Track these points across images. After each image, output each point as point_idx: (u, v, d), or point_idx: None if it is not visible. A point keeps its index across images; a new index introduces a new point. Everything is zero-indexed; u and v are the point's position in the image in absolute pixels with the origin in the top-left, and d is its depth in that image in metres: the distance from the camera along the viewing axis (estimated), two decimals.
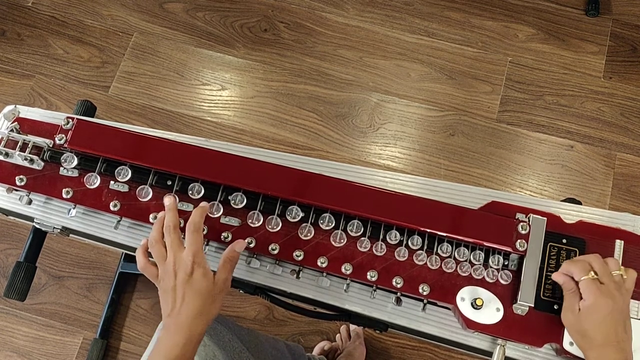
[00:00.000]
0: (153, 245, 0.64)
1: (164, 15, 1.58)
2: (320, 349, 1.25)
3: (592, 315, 0.61)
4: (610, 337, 0.60)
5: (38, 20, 1.58)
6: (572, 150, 1.43)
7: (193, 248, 0.62)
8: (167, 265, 0.62)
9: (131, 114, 1.48)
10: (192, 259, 0.61)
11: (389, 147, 1.44)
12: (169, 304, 0.62)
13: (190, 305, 0.61)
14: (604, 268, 0.63)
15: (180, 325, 0.60)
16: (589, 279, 0.62)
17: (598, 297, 0.61)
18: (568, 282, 0.65)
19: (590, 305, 0.61)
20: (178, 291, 0.61)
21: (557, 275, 0.66)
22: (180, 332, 0.60)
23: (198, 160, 0.72)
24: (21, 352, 1.31)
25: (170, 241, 0.63)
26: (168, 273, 0.62)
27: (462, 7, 1.57)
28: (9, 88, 1.52)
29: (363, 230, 0.69)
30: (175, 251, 0.62)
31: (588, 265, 0.63)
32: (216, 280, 0.63)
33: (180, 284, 0.61)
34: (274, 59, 1.53)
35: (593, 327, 0.61)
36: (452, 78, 1.50)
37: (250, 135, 1.46)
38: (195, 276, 0.61)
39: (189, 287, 0.61)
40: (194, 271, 0.61)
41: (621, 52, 1.52)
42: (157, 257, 0.63)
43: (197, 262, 0.61)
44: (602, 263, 0.64)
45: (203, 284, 0.61)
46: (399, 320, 0.71)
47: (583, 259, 0.65)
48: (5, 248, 1.38)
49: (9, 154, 0.73)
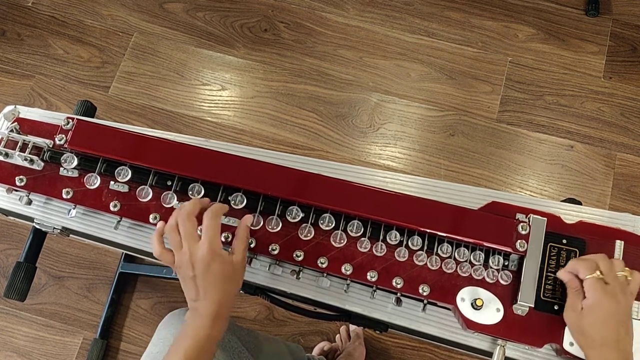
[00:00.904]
0: (169, 232, 0.64)
1: (164, 15, 1.58)
2: (320, 350, 1.25)
3: (595, 314, 0.61)
4: (611, 337, 0.60)
5: (38, 20, 1.58)
6: (572, 150, 1.43)
7: (208, 237, 0.61)
8: (183, 255, 0.62)
9: (131, 114, 1.48)
10: (207, 248, 0.61)
11: (389, 147, 1.44)
12: (192, 291, 0.62)
13: (213, 291, 0.61)
14: (610, 268, 0.63)
15: (207, 308, 0.61)
16: (594, 278, 0.62)
17: (602, 296, 0.61)
18: (572, 280, 0.65)
19: (594, 305, 0.61)
20: (199, 281, 0.62)
21: (563, 273, 0.66)
22: (208, 315, 0.61)
23: (198, 160, 0.72)
24: (21, 352, 1.31)
25: (184, 230, 0.62)
26: (185, 263, 0.62)
27: (462, 7, 1.57)
28: (9, 88, 1.52)
29: (363, 231, 0.69)
30: (190, 242, 0.62)
31: (595, 265, 0.63)
32: (234, 263, 0.63)
33: (200, 274, 0.61)
34: (274, 59, 1.53)
35: (595, 326, 0.61)
36: (452, 78, 1.50)
37: (250, 135, 1.46)
38: (213, 266, 0.61)
39: (209, 276, 0.61)
40: (212, 261, 0.61)
41: (621, 52, 1.52)
42: (174, 244, 0.63)
43: (213, 251, 0.61)
44: (609, 263, 0.63)
45: (223, 271, 0.62)
46: (399, 320, 0.71)
47: (590, 258, 0.65)
48: (5, 248, 1.38)
49: (9, 154, 0.73)
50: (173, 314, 0.78)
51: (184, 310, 0.78)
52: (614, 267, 0.64)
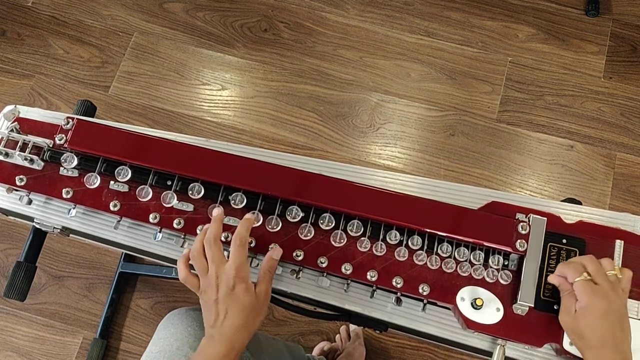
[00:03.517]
0: (195, 257, 0.63)
1: (164, 15, 1.58)
2: (320, 350, 1.25)
3: (588, 316, 0.61)
4: (607, 337, 0.60)
5: (38, 20, 1.58)
6: (572, 150, 1.43)
7: (237, 262, 0.61)
8: (210, 279, 0.62)
9: (131, 114, 1.48)
10: (234, 272, 0.61)
11: (389, 147, 1.44)
12: (212, 315, 0.62)
13: (233, 319, 0.61)
14: (597, 269, 0.63)
15: (223, 337, 0.61)
16: (582, 280, 0.62)
17: (592, 298, 0.61)
18: (564, 284, 0.65)
19: (585, 307, 0.61)
20: (220, 305, 0.61)
21: (553, 278, 0.66)
22: (223, 343, 0.61)
23: (198, 160, 0.72)
24: (21, 352, 1.31)
25: (212, 254, 0.62)
26: (210, 286, 0.62)
27: (462, 7, 1.57)
28: (9, 88, 1.52)
29: (363, 230, 0.69)
30: (217, 264, 0.62)
31: (581, 267, 0.63)
32: (258, 294, 0.63)
33: (223, 298, 0.61)
34: (274, 59, 1.53)
35: (589, 328, 0.61)
36: (452, 78, 1.50)
37: (250, 135, 1.46)
38: (237, 291, 0.61)
39: (231, 301, 0.61)
40: (236, 286, 0.61)
41: (621, 52, 1.52)
42: (199, 269, 0.63)
43: (239, 277, 0.61)
44: (595, 264, 0.63)
45: (246, 299, 0.61)
46: (398, 320, 0.71)
47: (576, 260, 0.65)
48: (5, 248, 1.38)
49: (9, 154, 0.73)
50: (173, 313, 0.78)
51: (184, 309, 0.78)
52: (603, 266, 0.64)
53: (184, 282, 0.65)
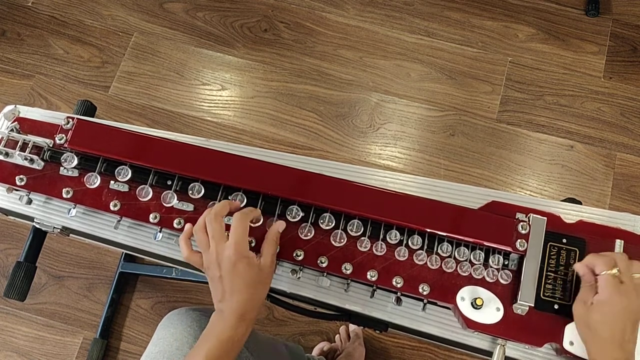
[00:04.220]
0: (197, 231, 0.64)
1: (164, 15, 1.58)
2: (320, 350, 1.25)
3: (604, 309, 0.61)
4: (617, 334, 0.60)
5: (38, 20, 1.58)
6: (572, 150, 1.43)
7: (235, 237, 0.62)
8: (210, 255, 0.62)
9: (131, 114, 1.48)
10: (233, 248, 0.61)
11: (389, 147, 1.44)
12: (218, 291, 0.63)
13: (239, 293, 0.61)
14: (628, 268, 0.63)
15: (232, 310, 0.61)
16: (610, 274, 0.62)
17: (614, 294, 0.61)
18: (588, 275, 0.64)
19: (604, 301, 0.61)
20: (225, 282, 0.62)
21: (579, 266, 0.65)
22: (233, 316, 0.61)
23: (198, 159, 0.72)
24: (21, 352, 1.31)
25: (212, 230, 0.63)
26: (212, 263, 0.62)
27: (462, 7, 1.57)
28: (9, 88, 1.52)
29: (363, 230, 0.69)
30: (217, 241, 0.62)
31: (613, 261, 0.63)
32: (262, 266, 0.63)
33: (226, 274, 0.61)
34: (274, 59, 1.53)
35: (601, 322, 0.61)
36: (452, 78, 1.50)
37: (250, 135, 1.46)
38: (239, 267, 0.61)
39: (235, 277, 0.61)
40: (237, 262, 0.61)
41: (621, 52, 1.52)
42: (201, 245, 0.64)
43: (239, 252, 0.61)
44: (627, 263, 0.63)
45: (249, 273, 0.62)
46: (399, 320, 0.71)
47: (610, 255, 0.64)
48: (5, 248, 1.38)
49: (9, 154, 0.73)
50: (173, 313, 0.78)
51: (184, 309, 0.78)
52: (632, 267, 0.63)
53: (187, 260, 0.65)
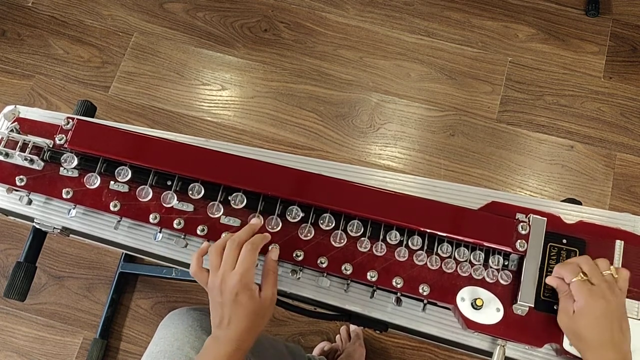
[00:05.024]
0: (213, 251, 0.64)
1: (164, 15, 1.58)
2: (320, 350, 1.25)
3: (585, 316, 0.61)
4: (605, 337, 0.60)
5: (38, 20, 1.58)
6: (572, 150, 1.43)
7: (242, 268, 0.61)
8: (216, 279, 0.62)
9: (131, 114, 1.48)
10: (238, 278, 0.61)
11: (389, 147, 1.44)
12: (217, 317, 0.63)
13: (238, 323, 0.61)
14: (593, 269, 0.63)
15: (228, 338, 0.61)
16: (578, 280, 0.62)
17: (588, 298, 0.61)
18: (561, 285, 0.65)
19: (582, 307, 0.61)
20: (225, 309, 0.62)
21: (550, 279, 0.66)
22: (229, 345, 0.61)
23: (198, 160, 0.72)
24: (21, 352, 1.31)
25: (226, 255, 0.63)
26: (215, 287, 0.62)
27: (462, 7, 1.57)
28: (9, 88, 1.52)
29: (363, 230, 0.69)
30: (226, 267, 0.62)
31: (577, 267, 0.63)
32: (263, 299, 0.63)
33: (227, 303, 0.61)
34: (274, 59, 1.53)
35: (587, 328, 0.61)
36: (452, 78, 1.50)
37: (250, 135, 1.46)
38: (240, 298, 0.61)
39: (235, 308, 0.61)
40: (240, 294, 0.61)
41: (621, 52, 1.52)
42: (211, 264, 0.63)
43: (243, 284, 0.61)
44: (591, 264, 0.63)
45: (250, 306, 0.62)
46: (399, 320, 0.71)
47: (572, 261, 0.65)
48: (5, 248, 1.38)
49: (9, 154, 0.73)
50: (174, 313, 0.78)
51: (185, 309, 0.78)
52: (599, 267, 0.63)
53: (193, 276, 0.65)
